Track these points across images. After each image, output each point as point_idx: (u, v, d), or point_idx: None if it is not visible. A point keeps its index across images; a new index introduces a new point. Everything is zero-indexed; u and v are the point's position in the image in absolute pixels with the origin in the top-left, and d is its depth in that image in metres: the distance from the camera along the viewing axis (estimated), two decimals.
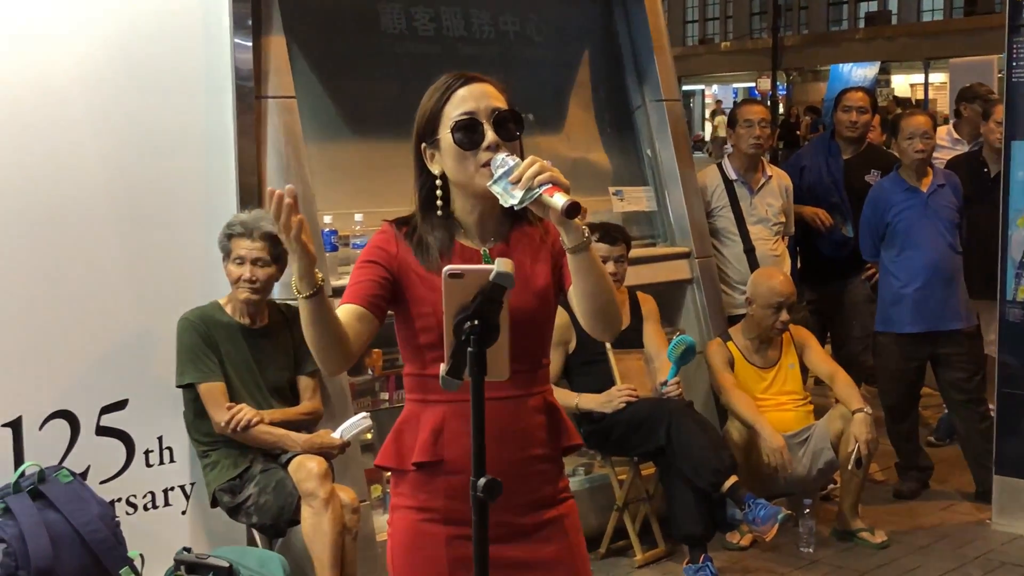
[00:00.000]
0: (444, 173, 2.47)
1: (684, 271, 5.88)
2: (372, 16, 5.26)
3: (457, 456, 2.41)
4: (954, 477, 6.17)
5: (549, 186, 2.23)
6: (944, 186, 5.86)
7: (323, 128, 5.02)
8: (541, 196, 2.23)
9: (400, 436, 2.51)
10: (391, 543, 2.54)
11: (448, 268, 2.07)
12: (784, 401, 5.43)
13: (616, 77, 6.13)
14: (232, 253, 4.28)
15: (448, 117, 2.43)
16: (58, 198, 4.27)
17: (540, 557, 2.51)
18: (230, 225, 4.32)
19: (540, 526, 2.52)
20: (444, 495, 2.44)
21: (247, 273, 4.27)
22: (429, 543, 2.45)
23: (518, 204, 2.25)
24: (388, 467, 2.53)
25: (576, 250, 2.33)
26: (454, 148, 2.42)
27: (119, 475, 4.39)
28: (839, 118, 6.63)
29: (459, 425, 2.40)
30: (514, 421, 2.46)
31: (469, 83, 2.46)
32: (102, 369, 4.35)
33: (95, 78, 4.34)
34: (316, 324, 2.32)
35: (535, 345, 2.52)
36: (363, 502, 4.44)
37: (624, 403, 4.95)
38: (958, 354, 5.84)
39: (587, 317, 2.45)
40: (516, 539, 2.46)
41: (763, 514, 4.66)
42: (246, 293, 4.29)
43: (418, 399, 2.49)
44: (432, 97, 2.48)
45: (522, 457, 2.47)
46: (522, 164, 2.28)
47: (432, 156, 2.48)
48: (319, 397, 4.47)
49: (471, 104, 2.43)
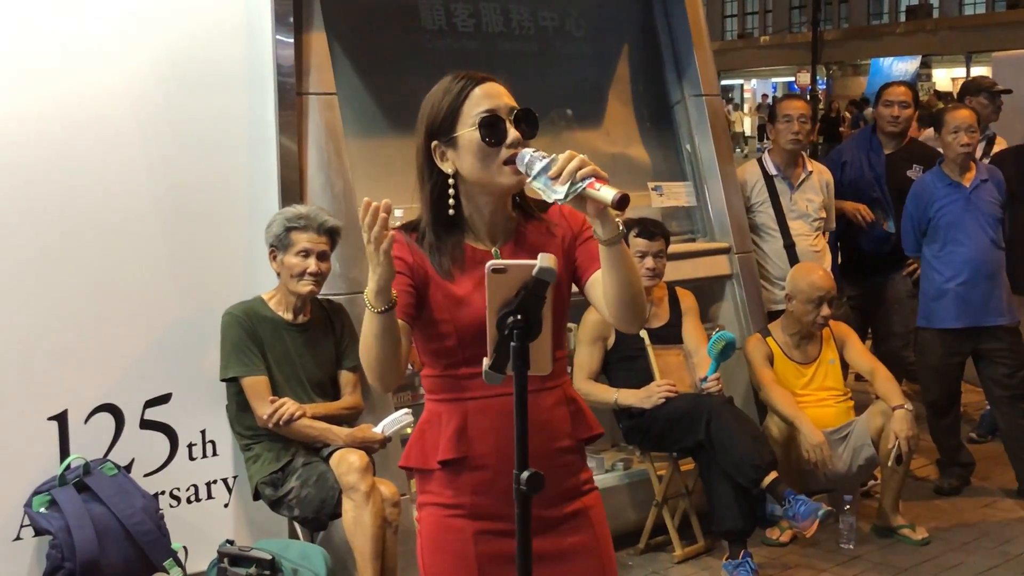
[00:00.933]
0: (456, 173, 2.45)
1: (724, 267, 5.87)
2: (412, 12, 5.29)
3: (482, 452, 2.44)
4: (996, 474, 6.13)
5: (592, 180, 2.22)
6: (987, 181, 5.81)
7: (363, 124, 5.05)
8: (585, 190, 2.22)
9: (423, 436, 2.53)
10: (420, 541, 2.57)
11: (491, 263, 2.08)
12: (824, 397, 5.40)
13: (655, 72, 6.12)
14: (295, 246, 4.30)
15: (468, 115, 2.42)
16: (104, 196, 4.32)
17: (566, 548, 2.52)
18: (289, 219, 4.32)
19: (566, 518, 2.53)
20: (471, 491, 2.46)
21: (312, 266, 4.30)
22: (457, 539, 2.46)
23: (563, 200, 2.24)
24: (413, 467, 2.55)
25: (611, 242, 2.34)
26: (477, 145, 2.40)
27: (163, 468, 4.45)
28: (881, 113, 6.60)
29: (482, 421, 2.43)
30: (539, 415, 2.45)
31: (484, 82, 2.46)
32: (146, 363, 4.40)
33: (139, 77, 4.40)
34: (383, 338, 2.32)
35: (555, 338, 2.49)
36: (403, 496, 4.46)
37: (663, 399, 4.95)
38: (1001, 350, 5.79)
39: (616, 307, 2.44)
40: (544, 532, 2.46)
41: (803, 510, 4.64)
42: (309, 286, 4.32)
43: (439, 398, 2.50)
44: (447, 95, 2.46)
45: (548, 450, 2.48)
46: (560, 159, 2.26)
47: (444, 155, 2.46)
48: (359, 392, 4.50)
49: (491, 102, 2.43)
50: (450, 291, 2.43)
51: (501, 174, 2.41)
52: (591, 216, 2.30)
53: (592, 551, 2.56)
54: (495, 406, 2.41)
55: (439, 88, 2.49)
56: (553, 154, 2.31)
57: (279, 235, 4.31)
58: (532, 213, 2.55)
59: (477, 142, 2.40)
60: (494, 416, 2.42)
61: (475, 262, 2.43)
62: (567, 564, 2.52)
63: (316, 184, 4.67)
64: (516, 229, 2.53)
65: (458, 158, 2.44)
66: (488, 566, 2.46)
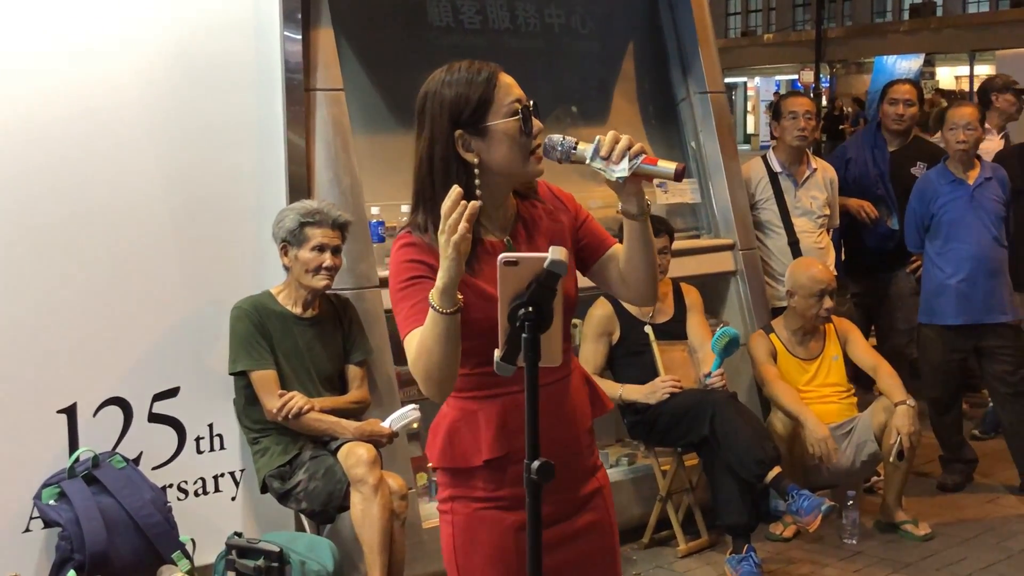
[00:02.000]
0: (479, 162, 2.43)
1: (728, 263, 5.90)
2: (419, 9, 5.31)
3: (522, 444, 2.39)
4: (999, 470, 6.15)
5: (645, 155, 2.35)
6: (991, 179, 5.84)
7: (371, 120, 5.07)
8: (642, 165, 2.35)
9: (457, 435, 2.50)
10: (451, 534, 2.54)
11: (503, 256, 2.11)
12: (827, 393, 5.43)
13: (660, 69, 6.15)
14: (310, 241, 4.31)
15: (501, 104, 2.41)
16: (113, 191, 4.35)
17: (585, 525, 2.59)
18: (304, 214, 4.33)
19: (589, 496, 2.60)
20: (511, 483, 2.46)
21: (328, 260, 4.33)
22: (494, 531, 2.47)
23: (624, 176, 2.35)
24: (453, 467, 2.51)
25: (639, 216, 2.43)
26: (513, 134, 2.40)
27: (171, 461, 4.48)
28: (885, 111, 6.62)
29: (521, 414, 2.38)
30: (568, 400, 2.53)
31: (501, 72, 2.45)
32: (155, 357, 4.43)
33: (147, 73, 4.43)
34: (447, 342, 2.27)
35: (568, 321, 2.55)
36: (411, 489, 4.49)
37: (668, 394, 4.98)
38: (1003, 347, 5.81)
39: (637, 282, 2.52)
40: (574, 513, 2.55)
41: (807, 505, 4.67)
42: (325, 280, 4.35)
43: (471, 396, 2.48)
44: (474, 83, 2.42)
45: (576, 433, 2.55)
46: (607, 140, 2.36)
47: (468, 145, 2.43)
48: (367, 386, 4.53)
49: (516, 92, 2.44)
50: (478, 287, 2.40)
51: (529, 163, 2.44)
52: (629, 193, 2.40)
53: (607, 528, 2.64)
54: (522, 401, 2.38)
55: (460, 77, 2.44)
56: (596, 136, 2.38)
57: (293, 230, 4.32)
58: (527, 196, 2.56)
59: (513, 132, 2.41)
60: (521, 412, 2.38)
61: (491, 254, 2.39)
62: (585, 540, 2.58)
63: (324, 179, 4.69)
64: (518, 215, 2.54)
65: (487, 148, 2.42)
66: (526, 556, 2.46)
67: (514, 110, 2.40)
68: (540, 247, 2.44)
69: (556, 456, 2.39)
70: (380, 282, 4.72)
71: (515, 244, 2.48)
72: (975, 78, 30.58)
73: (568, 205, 2.60)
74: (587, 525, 2.58)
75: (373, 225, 4.79)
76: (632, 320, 5.20)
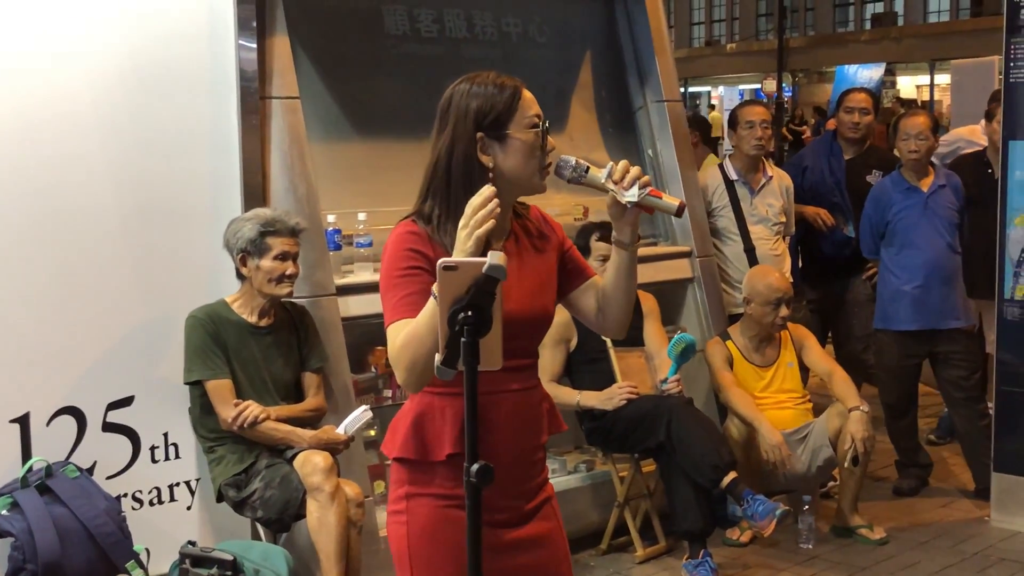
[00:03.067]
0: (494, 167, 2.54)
1: (685, 270, 5.93)
2: (376, 17, 5.32)
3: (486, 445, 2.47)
4: (954, 475, 6.22)
5: (652, 188, 2.47)
6: (945, 187, 5.90)
7: (327, 128, 5.08)
8: (648, 197, 2.46)
9: (421, 428, 2.56)
10: (407, 530, 2.58)
11: (442, 261, 2.14)
12: (783, 399, 5.47)
13: (618, 78, 6.18)
14: (272, 250, 4.30)
15: (523, 116, 2.54)
16: (66, 198, 4.33)
17: (537, 534, 2.65)
18: (263, 223, 4.31)
19: (538, 507, 2.67)
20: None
21: (291, 268, 4.33)
22: (455, 530, 2.47)
23: (635, 201, 2.47)
24: (412, 459, 2.57)
25: (631, 246, 2.55)
26: (529, 147, 2.53)
27: (125, 471, 4.46)
28: (841, 119, 6.68)
29: (482, 416, 2.46)
30: (529, 410, 2.61)
31: (524, 88, 2.59)
32: (109, 366, 4.41)
33: (101, 79, 4.41)
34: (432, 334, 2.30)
35: (540, 338, 2.67)
36: (367, 497, 4.49)
37: (625, 400, 5.00)
38: (957, 352, 5.88)
39: (614, 312, 2.63)
40: (524, 521, 2.62)
41: (761, 510, 4.71)
42: (287, 288, 4.35)
43: (437, 392, 2.53)
44: (501, 94, 2.55)
45: (532, 445, 2.63)
46: (620, 167, 2.48)
47: (486, 148, 2.54)
48: (323, 394, 4.53)
49: (537, 108, 2.58)
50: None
51: (538, 177, 2.57)
52: (626, 223, 2.52)
53: (558, 535, 2.72)
54: (493, 403, 2.50)
55: (483, 84, 2.56)
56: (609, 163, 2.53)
57: (253, 240, 4.30)
58: (520, 214, 2.68)
59: (531, 144, 2.54)
60: (492, 412, 2.50)
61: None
62: (539, 550, 2.65)
63: (279, 187, 4.68)
64: (512, 228, 2.64)
65: (503, 154, 2.54)
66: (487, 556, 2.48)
67: (534, 123, 2.54)
68: (528, 263, 2.59)
69: (515, 460, 2.53)
70: (337, 290, 4.73)
71: (506, 251, 2.55)
72: (936, 87, 30.91)
73: (557, 232, 2.71)
74: (543, 532, 2.66)
75: (329, 233, 4.80)
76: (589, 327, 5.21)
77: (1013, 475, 5.52)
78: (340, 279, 4.79)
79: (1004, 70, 5.53)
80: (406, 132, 5.20)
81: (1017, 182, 5.50)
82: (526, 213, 2.68)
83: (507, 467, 2.50)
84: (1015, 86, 5.48)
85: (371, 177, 5.15)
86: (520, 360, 2.56)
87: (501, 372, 2.34)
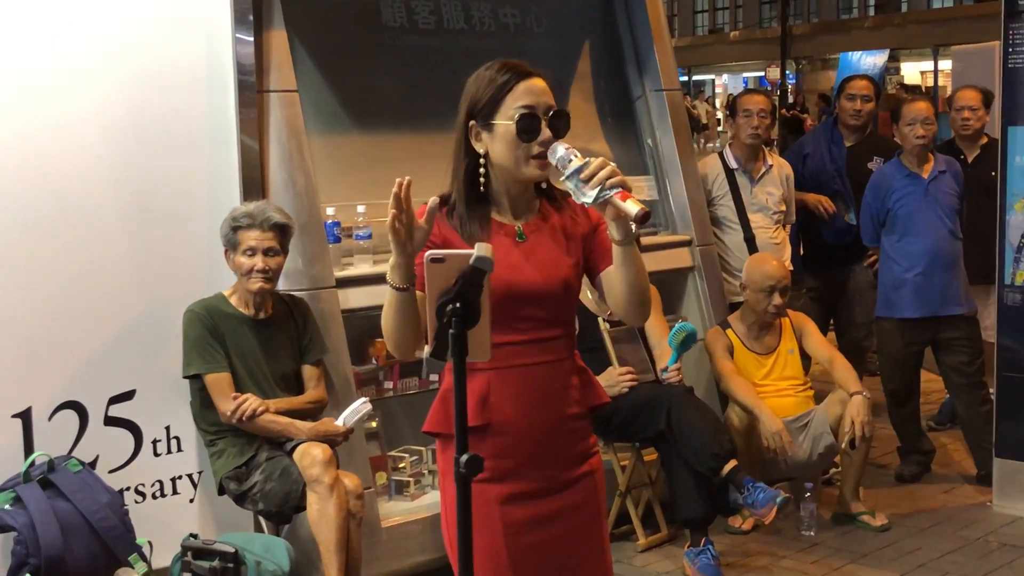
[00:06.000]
0: (487, 153, 2.62)
1: (685, 259, 5.93)
2: (373, 9, 5.32)
3: (504, 418, 2.60)
4: (956, 461, 6.22)
5: (620, 190, 2.41)
6: (945, 172, 5.90)
7: (325, 121, 5.08)
8: (612, 199, 2.40)
9: (446, 403, 2.63)
10: (446, 508, 2.67)
11: (429, 253, 2.16)
12: (784, 387, 5.47)
13: (616, 67, 6.17)
14: (241, 245, 4.33)
15: (509, 106, 2.59)
16: (66, 193, 4.34)
17: (573, 506, 2.71)
18: (235, 218, 4.36)
19: (577, 479, 2.72)
20: (493, 455, 2.57)
21: (260, 263, 4.33)
22: (480, 503, 2.49)
23: (590, 203, 2.42)
24: (438, 432, 2.68)
25: (624, 243, 2.55)
26: (511, 136, 2.58)
27: (127, 464, 4.47)
28: (843, 106, 6.68)
29: (504, 389, 2.60)
30: (553, 384, 2.66)
31: (529, 77, 2.62)
32: (110, 360, 4.42)
33: (99, 74, 4.41)
34: (398, 312, 2.49)
35: (568, 312, 2.72)
36: (367, 489, 4.50)
37: (627, 388, 5.00)
38: (959, 339, 5.88)
39: (623, 302, 2.64)
40: (560, 491, 2.68)
41: (762, 497, 4.71)
42: (259, 283, 4.35)
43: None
44: (493, 83, 2.61)
45: (560, 416, 2.67)
46: (592, 164, 2.43)
47: (478, 136, 2.63)
48: (323, 386, 4.54)
49: (532, 99, 2.59)
50: None
51: (527, 167, 2.60)
52: (608, 219, 2.50)
53: (595, 511, 2.77)
54: (514, 375, 2.59)
55: (487, 73, 2.64)
56: (587, 158, 2.48)
57: (228, 235, 4.35)
58: (555, 198, 2.73)
59: (511, 134, 2.58)
60: (514, 384, 2.60)
61: (500, 235, 2.60)
62: (571, 521, 2.71)
63: (278, 181, 4.69)
64: (540, 208, 2.70)
65: (491, 142, 2.62)
66: (512, 530, 2.63)
67: (520, 113, 2.57)
68: (546, 239, 2.65)
69: (538, 433, 2.60)
70: (336, 283, 4.73)
71: (526, 232, 2.65)
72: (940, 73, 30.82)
73: (592, 217, 2.75)
74: (573, 505, 2.71)
75: (328, 226, 4.80)
76: (588, 315, 5.22)
77: (1015, 460, 5.53)
78: (340, 271, 4.80)
79: (1003, 55, 5.51)
80: (404, 124, 5.21)
81: (1017, 168, 5.49)
82: (562, 198, 2.74)
83: (536, 439, 2.61)
84: (1014, 71, 5.47)
85: (370, 169, 5.15)
86: (539, 332, 2.62)
87: (519, 345, 2.50)
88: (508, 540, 2.63)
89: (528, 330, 2.59)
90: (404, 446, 5.02)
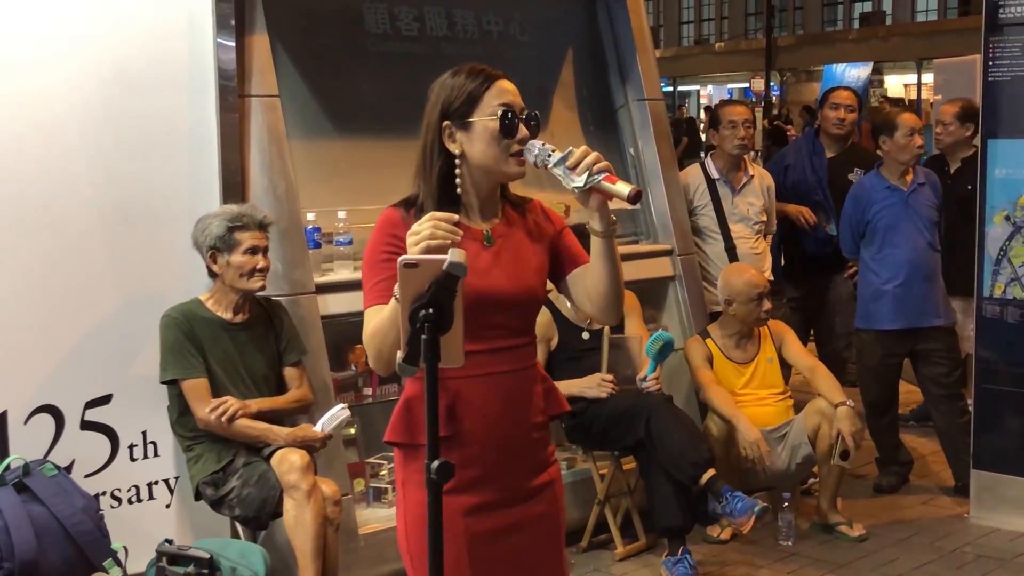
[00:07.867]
0: (461, 154, 2.61)
1: (666, 268, 5.94)
2: (356, 15, 5.32)
3: (470, 428, 2.57)
4: (934, 472, 6.24)
5: (607, 174, 2.45)
6: (924, 185, 5.92)
7: (307, 126, 5.07)
8: (601, 182, 2.45)
9: (409, 413, 2.62)
10: (406, 518, 2.65)
11: (403, 258, 2.15)
12: (764, 396, 5.47)
13: (599, 76, 6.18)
14: (241, 245, 4.30)
15: (488, 104, 2.59)
16: (44, 196, 4.33)
17: (534, 516, 2.70)
18: (231, 219, 4.32)
19: (538, 489, 2.71)
20: (458, 465, 2.48)
21: (261, 262, 4.33)
22: (445, 516, 2.45)
23: (582, 187, 2.46)
24: (400, 443, 2.64)
25: (605, 235, 2.56)
26: (492, 133, 2.58)
27: (103, 469, 4.46)
28: (826, 115, 6.72)
29: (470, 399, 2.57)
30: (520, 392, 2.65)
31: (504, 79, 2.64)
32: (87, 364, 4.40)
33: (80, 78, 4.40)
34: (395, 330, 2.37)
35: (532, 320, 2.71)
36: (345, 495, 4.48)
37: (608, 393, 5.00)
38: (938, 350, 5.89)
39: (601, 299, 2.64)
40: (523, 501, 2.67)
41: (740, 506, 4.71)
42: (260, 282, 4.34)
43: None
44: (470, 81, 2.62)
45: (526, 425, 2.66)
46: (577, 152, 2.48)
47: (453, 136, 2.62)
48: (307, 385, 4.51)
49: (510, 98, 2.62)
50: None
51: (507, 164, 2.61)
52: (592, 209, 2.52)
53: (554, 520, 2.75)
54: (481, 384, 2.56)
55: (458, 75, 2.64)
56: (568, 147, 2.51)
57: (222, 236, 4.31)
58: (517, 204, 2.73)
59: (493, 131, 2.59)
60: (480, 393, 2.57)
61: (467, 239, 2.55)
62: (533, 531, 2.69)
63: (258, 186, 4.68)
64: (504, 213, 2.70)
65: (468, 141, 2.61)
66: (476, 541, 2.60)
67: (499, 111, 2.57)
68: (513, 245, 2.64)
69: (504, 442, 2.58)
70: (316, 288, 4.72)
71: (493, 236, 2.64)
72: (923, 86, 30.92)
73: (555, 223, 2.76)
74: (535, 516, 2.69)
75: (309, 231, 4.79)
76: (570, 325, 5.23)
77: (992, 472, 5.54)
78: (320, 277, 4.79)
79: (983, 68, 5.54)
80: (386, 130, 5.20)
81: (996, 180, 5.51)
82: (523, 203, 2.75)
83: (499, 448, 2.59)
84: (994, 84, 5.50)
85: (351, 175, 5.15)
86: (506, 340, 2.61)
87: (486, 354, 2.46)
88: (472, 551, 2.60)
89: (495, 338, 2.57)
90: (382, 453, 5.01)
